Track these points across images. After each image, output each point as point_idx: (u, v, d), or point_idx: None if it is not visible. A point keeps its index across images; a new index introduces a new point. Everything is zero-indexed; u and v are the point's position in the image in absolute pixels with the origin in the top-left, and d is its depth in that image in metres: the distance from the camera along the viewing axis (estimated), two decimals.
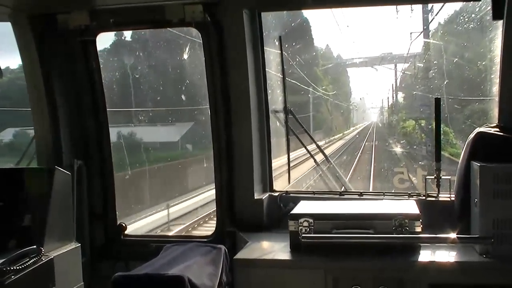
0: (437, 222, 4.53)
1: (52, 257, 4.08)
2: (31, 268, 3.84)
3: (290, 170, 5.76)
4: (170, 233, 11.51)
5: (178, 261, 4.37)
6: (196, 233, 11.29)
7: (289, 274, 4.32)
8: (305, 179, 8.81)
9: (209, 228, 10.32)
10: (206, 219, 11.86)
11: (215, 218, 5.44)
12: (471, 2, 4.79)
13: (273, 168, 5.56)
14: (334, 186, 5.81)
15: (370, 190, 5.61)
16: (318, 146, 6.03)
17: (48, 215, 4.19)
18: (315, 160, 5.92)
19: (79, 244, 4.51)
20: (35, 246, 3.98)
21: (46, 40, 5.16)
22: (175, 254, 4.58)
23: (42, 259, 3.97)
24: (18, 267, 3.75)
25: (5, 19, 5.08)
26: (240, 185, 5.23)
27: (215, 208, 5.42)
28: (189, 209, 13.53)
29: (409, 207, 4.53)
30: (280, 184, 5.64)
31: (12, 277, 3.68)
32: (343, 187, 5.76)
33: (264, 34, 5.28)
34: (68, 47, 5.34)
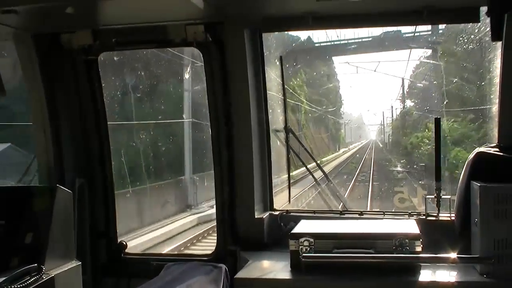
0: (438, 241, 4.53)
1: (53, 275, 4.09)
2: (32, 286, 3.85)
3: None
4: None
5: (179, 281, 4.38)
6: None
7: None
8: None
9: None
10: None
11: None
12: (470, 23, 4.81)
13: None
14: (334, 205, 5.82)
15: (370, 210, 5.57)
16: (318, 165, 6.05)
17: (49, 233, 4.19)
18: (315, 179, 5.94)
19: (80, 263, 4.51)
20: (36, 264, 3.98)
21: (49, 59, 5.20)
22: (176, 274, 4.59)
23: (43, 278, 3.98)
24: (19, 286, 3.75)
25: (8, 39, 5.13)
26: (241, 204, 5.23)
27: None
28: None
29: (409, 226, 4.54)
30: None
31: None
32: (342, 206, 5.77)
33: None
34: (71, 67, 5.39)
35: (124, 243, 5.61)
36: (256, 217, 5.22)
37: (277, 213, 5.41)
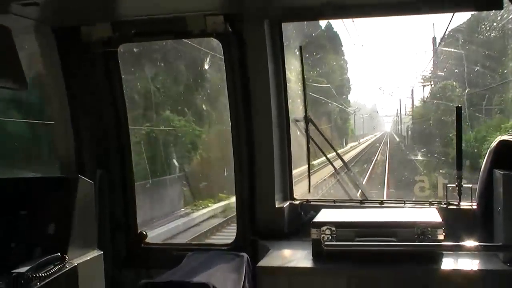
0: (459, 230, 4.52)
1: (75, 264, 4.12)
2: (55, 275, 3.88)
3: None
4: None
5: (202, 269, 4.40)
6: None
7: (312, 281, 4.34)
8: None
9: None
10: None
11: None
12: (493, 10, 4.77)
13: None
14: (354, 194, 5.81)
15: (391, 199, 5.55)
16: (338, 154, 6.05)
17: (71, 223, 4.23)
18: (334, 168, 5.94)
19: (102, 252, 4.54)
20: (59, 254, 4.01)
21: (69, 52, 5.23)
22: (198, 262, 4.61)
23: (66, 266, 4.01)
24: (43, 274, 3.78)
25: (29, 32, 5.16)
26: (261, 194, 5.25)
27: None
28: None
29: (431, 215, 4.53)
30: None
31: (38, 283, 3.72)
32: (362, 195, 5.76)
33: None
34: (91, 59, 5.41)
35: (144, 233, 5.64)
36: (276, 206, 5.23)
37: (297, 202, 5.42)
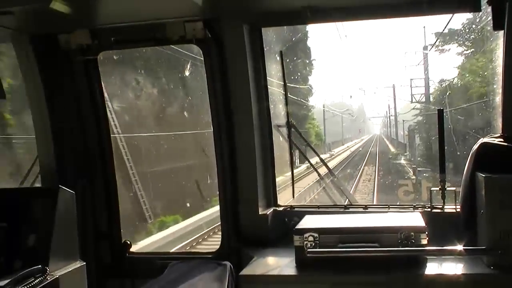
0: (443, 234, 4.50)
1: (57, 276, 4.08)
2: None
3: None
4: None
5: (184, 279, 4.37)
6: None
7: None
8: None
9: None
10: None
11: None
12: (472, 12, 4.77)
13: None
14: (339, 200, 5.79)
15: (375, 203, 5.54)
16: (321, 160, 6.02)
17: (52, 234, 4.19)
18: (319, 174, 5.92)
19: (84, 263, 4.50)
20: (40, 266, 3.97)
21: (48, 60, 5.18)
22: (181, 272, 4.58)
23: (47, 279, 3.97)
24: (24, 287, 3.74)
25: (7, 40, 5.12)
26: (245, 201, 5.21)
27: None
28: None
29: (415, 219, 4.51)
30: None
31: None
32: (347, 201, 5.74)
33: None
34: (70, 67, 5.37)
35: (128, 242, 5.59)
36: (260, 213, 5.20)
37: (281, 209, 5.39)
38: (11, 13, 4.36)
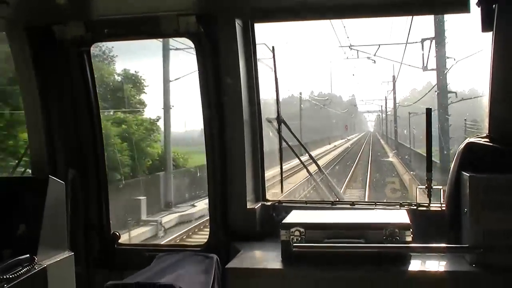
0: (428, 231, 4.56)
1: (45, 265, 4.11)
2: (24, 277, 3.87)
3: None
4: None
5: (170, 270, 4.40)
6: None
7: (280, 283, 4.35)
8: None
9: None
10: None
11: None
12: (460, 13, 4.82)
13: None
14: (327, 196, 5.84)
15: (362, 201, 5.60)
16: (311, 156, 6.06)
17: (41, 224, 4.21)
18: (308, 171, 5.95)
19: (72, 253, 4.52)
20: (28, 255, 3.99)
21: (42, 51, 5.20)
22: (168, 263, 4.61)
23: (35, 268, 4.00)
24: (11, 276, 3.77)
25: (1, 30, 5.13)
26: (233, 195, 5.25)
27: None
28: None
29: (400, 217, 4.56)
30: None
31: (5, 285, 3.70)
32: (335, 197, 5.79)
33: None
34: (64, 58, 5.38)
35: (117, 234, 5.62)
36: (248, 207, 5.24)
37: (269, 203, 5.43)
38: (6, 3, 4.38)
